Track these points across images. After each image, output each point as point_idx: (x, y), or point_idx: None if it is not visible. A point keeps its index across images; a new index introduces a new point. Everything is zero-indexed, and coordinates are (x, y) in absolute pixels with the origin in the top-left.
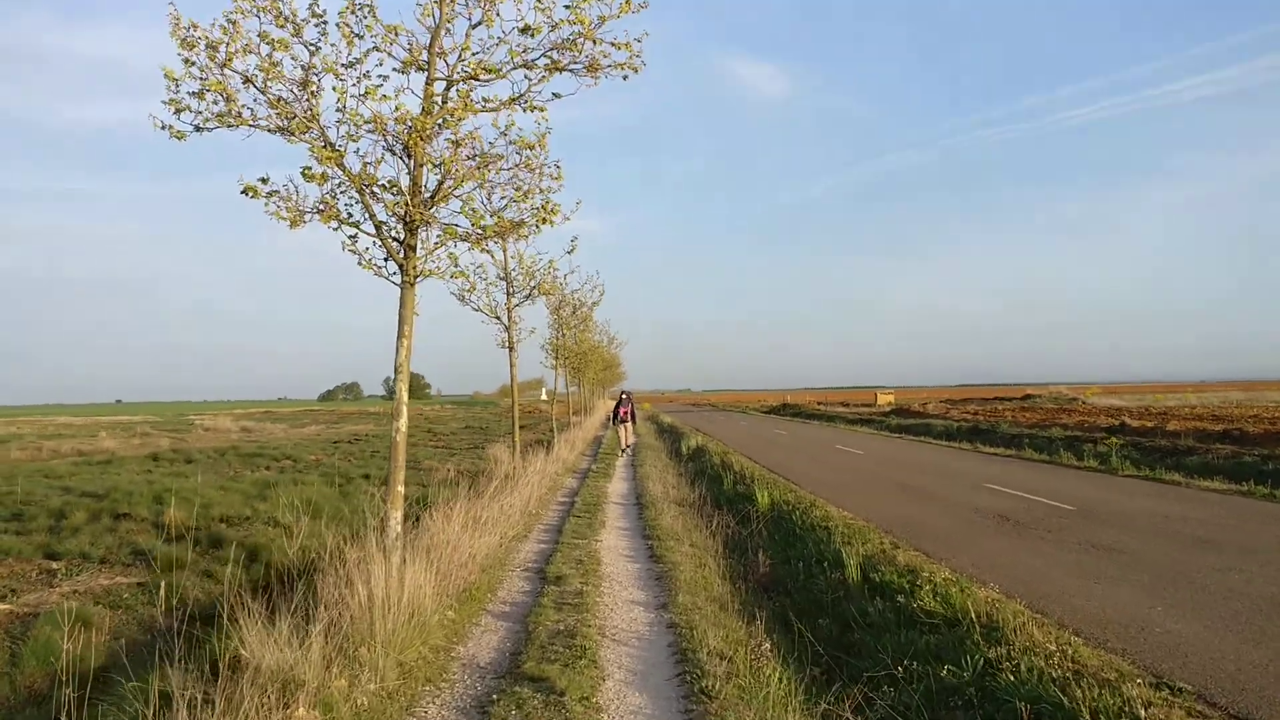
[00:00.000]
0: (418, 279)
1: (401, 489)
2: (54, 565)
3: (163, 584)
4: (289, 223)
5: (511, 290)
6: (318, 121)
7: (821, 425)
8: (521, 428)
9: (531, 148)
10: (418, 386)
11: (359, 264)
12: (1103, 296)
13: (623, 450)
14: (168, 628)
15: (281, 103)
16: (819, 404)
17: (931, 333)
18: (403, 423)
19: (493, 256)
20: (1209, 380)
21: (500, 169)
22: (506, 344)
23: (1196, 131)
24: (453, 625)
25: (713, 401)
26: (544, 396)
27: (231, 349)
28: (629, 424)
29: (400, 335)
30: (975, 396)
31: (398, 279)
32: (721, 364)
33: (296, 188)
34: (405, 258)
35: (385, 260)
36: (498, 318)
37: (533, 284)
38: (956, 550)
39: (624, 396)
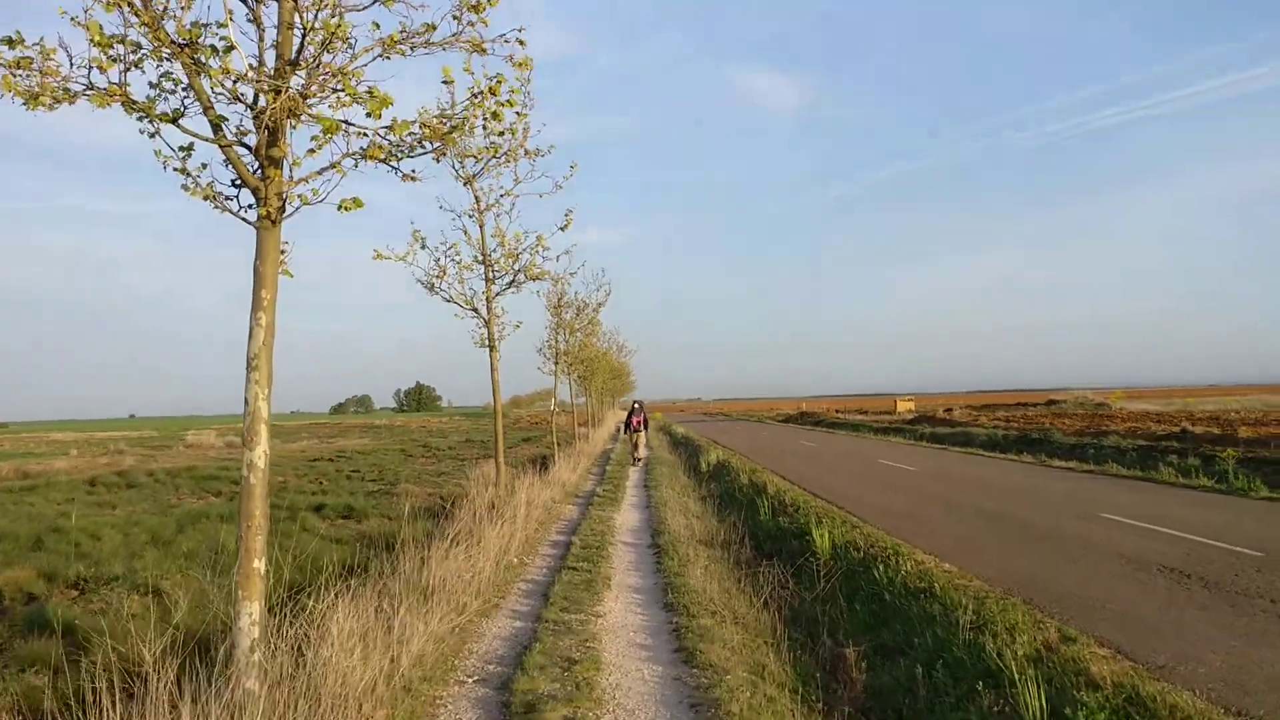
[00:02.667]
0: (286, 212)
1: (260, 566)
2: None
3: None
4: (25, 101)
5: (491, 275)
6: None
7: (849, 435)
8: (526, 440)
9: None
10: (427, 398)
11: (185, 188)
12: (1099, 303)
13: (634, 461)
14: None
15: None
16: (837, 412)
17: (934, 340)
18: (259, 453)
19: (466, 234)
20: (1219, 384)
21: (422, 39)
22: (485, 341)
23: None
24: None
25: (725, 410)
26: (552, 408)
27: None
28: (642, 434)
29: (256, 306)
30: (996, 402)
31: (252, 214)
32: (732, 373)
33: (66, 47)
34: (263, 178)
35: (236, 186)
36: (474, 309)
37: (517, 267)
38: (1168, 644)
39: (636, 406)
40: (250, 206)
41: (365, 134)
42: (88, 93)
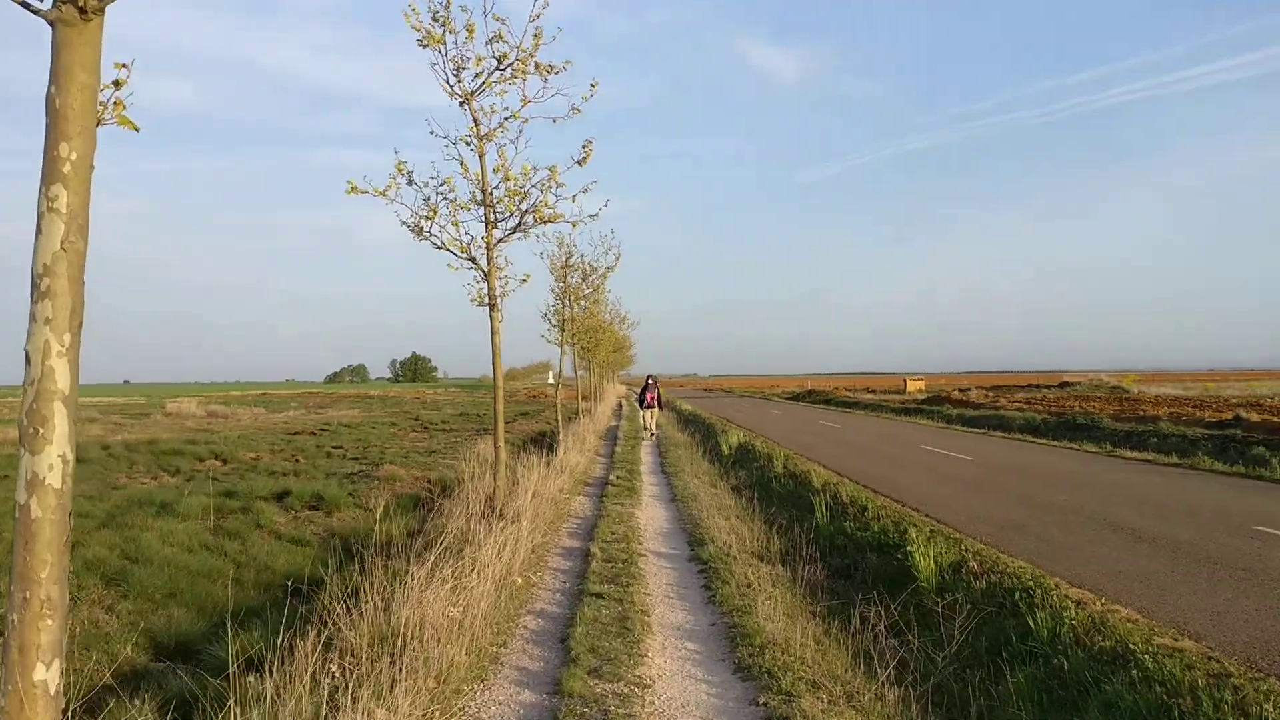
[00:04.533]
0: None
1: (49, 680)
2: None
3: None
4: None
5: (492, 217)
6: None
7: (867, 415)
8: (523, 414)
9: None
10: (423, 369)
11: None
12: (1099, 285)
13: (648, 434)
14: None
15: None
16: (845, 391)
17: (931, 319)
18: (52, 459)
19: (463, 166)
20: (1219, 368)
21: None
22: (484, 298)
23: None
24: None
25: (726, 386)
26: (551, 380)
27: (244, 330)
28: (655, 409)
29: (49, 173)
30: (1002, 383)
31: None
32: (730, 348)
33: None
34: None
35: None
36: (471, 259)
37: (524, 207)
38: None
39: (650, 381)
40: None
41: None
42: None
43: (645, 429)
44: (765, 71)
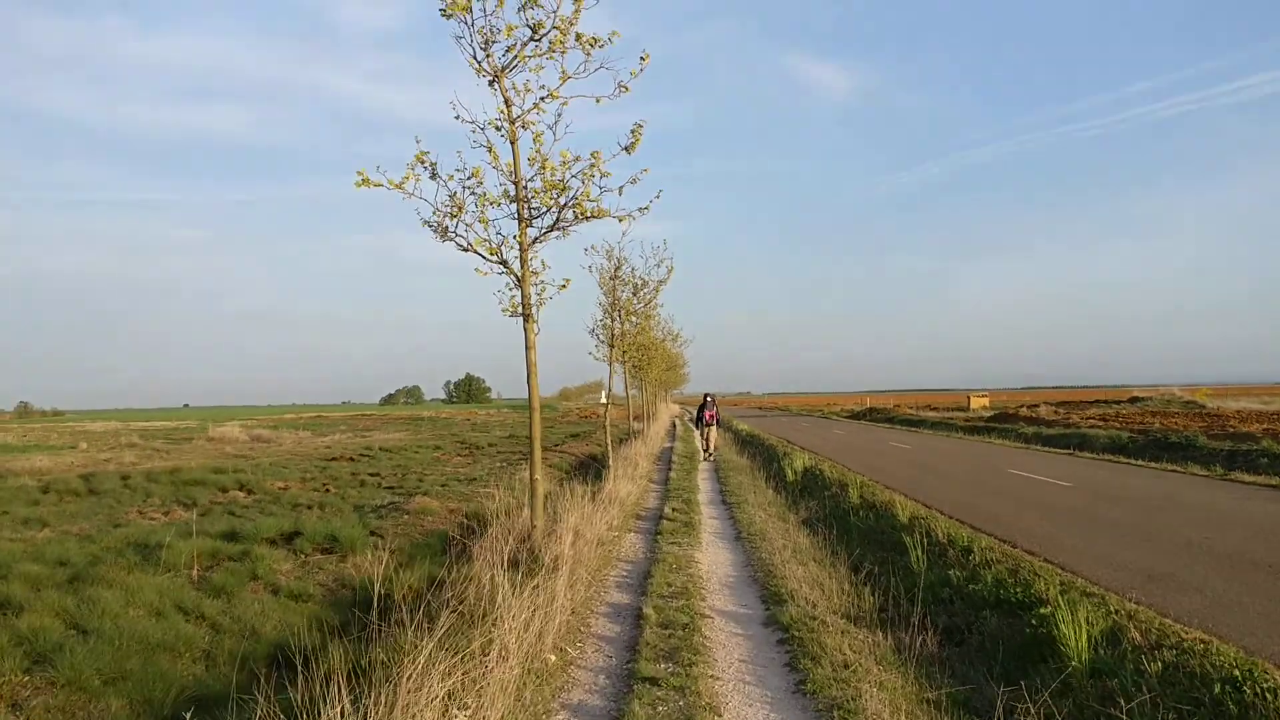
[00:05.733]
0: None
1: None
2: None
3: None
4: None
5: (526, 213)
6: None
7: (936, 435)
8: (573, 436)
9: None
10: (476, 389)
11: None
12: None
13: (706, 456)
14: None
15: None
16: (908, 409)
17: (990, 336)
18: None
19: (492, 154)
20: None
21: None
22: (517, 308)
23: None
24: None
25: (779, 405)
26: (604, 400)
27: (302, 353)
28: (714, 428)
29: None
30: (1073, 399)
31: None
32: (783, 367)
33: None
34: None
35: None
36: (502, 261)
37: (564, 200)
38: None
39: (708, 399)
40: None
41: None
42: None
43: (703, 449)
44: (813, 86)
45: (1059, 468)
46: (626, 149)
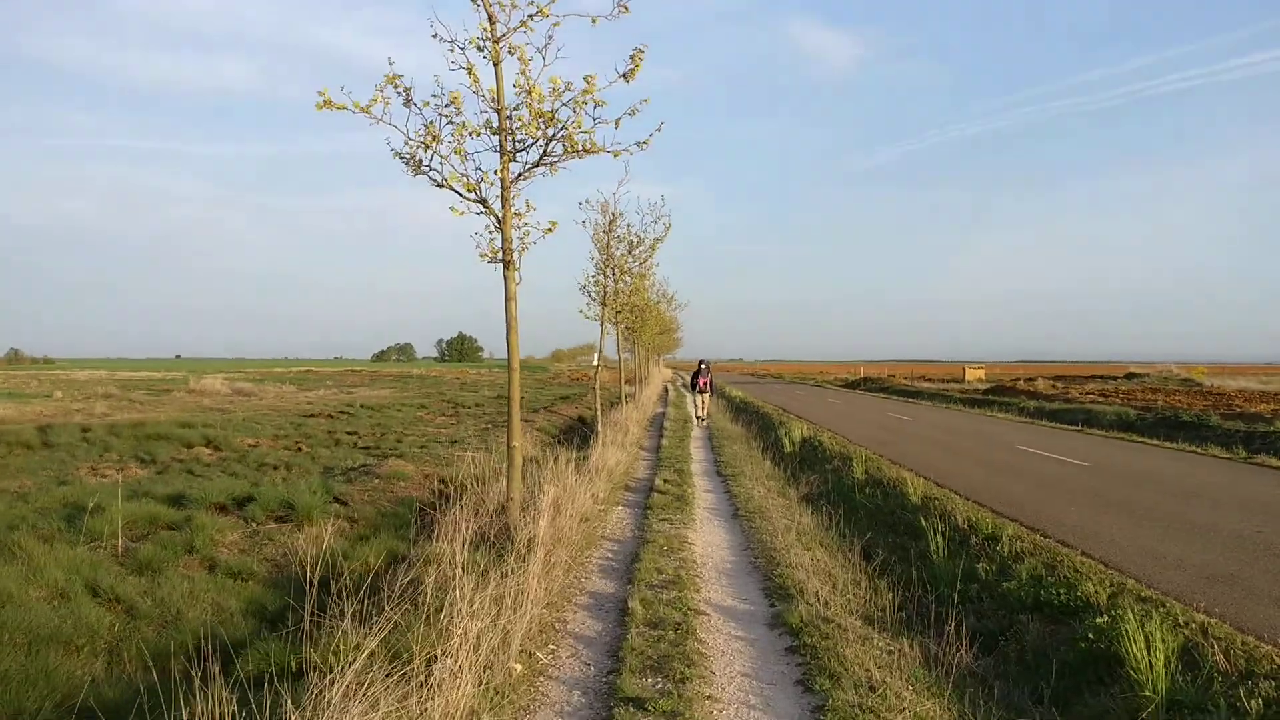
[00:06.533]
0: None
1: None
2: None
3: None
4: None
5: (509, 146)
6: None
7: (934, 406)
8: (564, 399)
9: None
10: (469, 349)
11: None
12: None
13: (699, 421)
14: None
15: None
16: (903, 379)
17: (980, 307)
18: None
19: (472, 77)
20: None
21: None
22: (497, 253)
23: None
24: None
25: (772, 372)
26: (596, 362)
27: (296, 308)
28: (707, 394)
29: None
30: (1069, 374)
31: None
32: (774, 334)
33: None
34: None
35: None
36: (481, 200)
37: (552, 132)
38: None
39: (702, 365)
40: None
41: None
42: None
43: (696, 414)
44: (818, 54)
45: (1071, 445)
46: (625, 76)
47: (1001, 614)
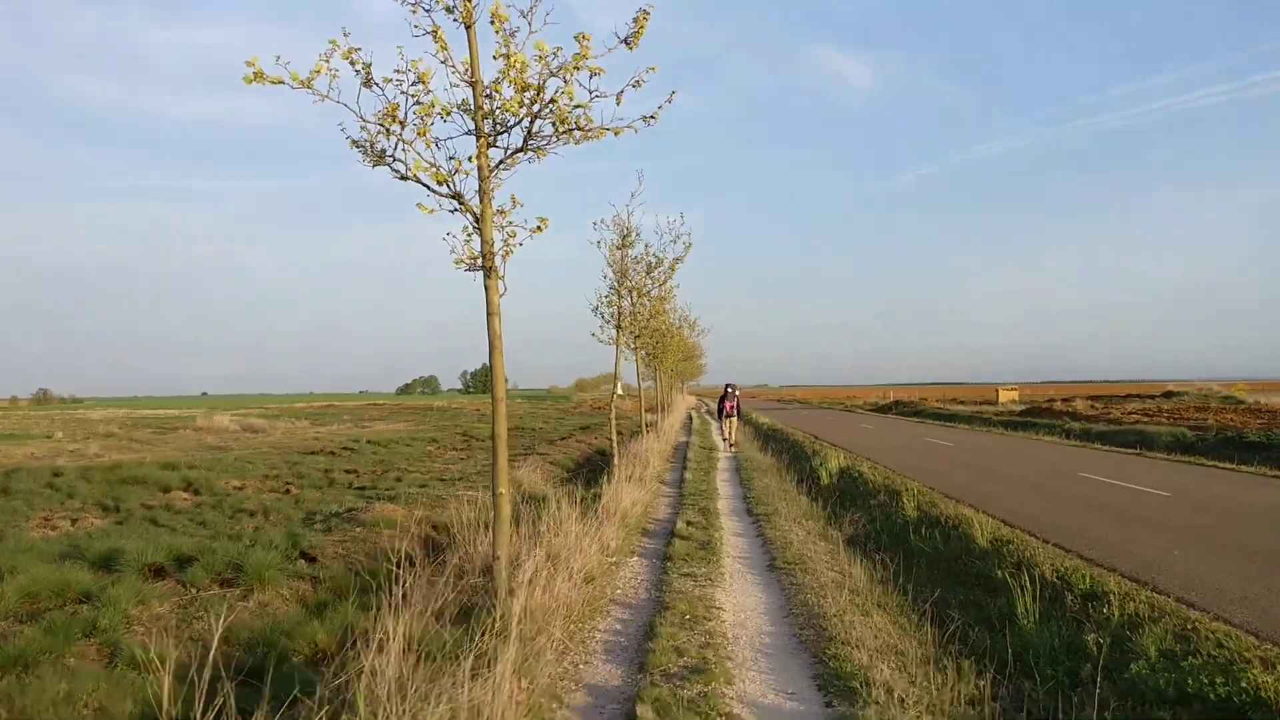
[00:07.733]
0: None
1: None
2: None
3: None
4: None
5: (488, 128)
6: None
7: (972, 430)
8: (583, 429)
9: None
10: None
11: None
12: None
13: (727, 445)
14: None
15: None
16: (935, 403)
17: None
18: None
19: (442, 45)
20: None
21: None
22: (478, 258)
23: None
24: None
25: (799, 397)
26: (619, 391)
27: (322, 342)
28: (734, 419)
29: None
30: (1103, 394)
31: None
32: (800, 360)
33: None
34: None
35: None
36: (455, 195)
37: (537, 108)
38: None
39: (729, 390)
40: None
41: None
42: None
43: (724, 440)
44: (840, 78)
45: (1137, 471)
46: (626, 41)
47: (1131, 706)
